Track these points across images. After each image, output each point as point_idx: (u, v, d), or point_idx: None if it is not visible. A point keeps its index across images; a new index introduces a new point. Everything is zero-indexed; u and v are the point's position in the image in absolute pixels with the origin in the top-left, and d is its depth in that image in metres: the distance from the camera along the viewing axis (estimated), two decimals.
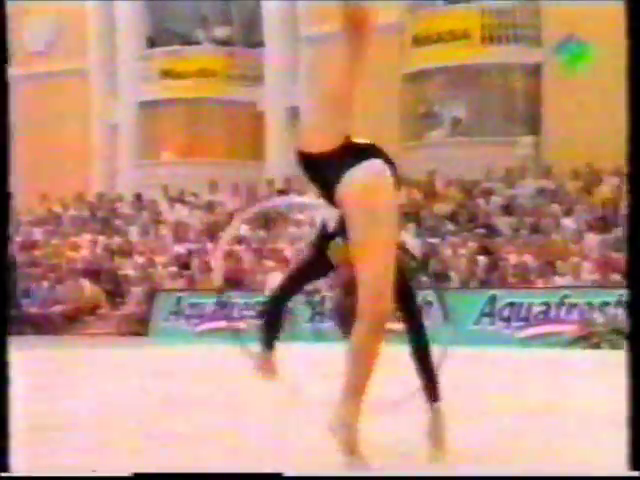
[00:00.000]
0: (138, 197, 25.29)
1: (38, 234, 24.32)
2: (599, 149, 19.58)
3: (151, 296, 20.66)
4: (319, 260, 5.34)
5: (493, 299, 17.37)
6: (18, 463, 3.50)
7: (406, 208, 19.98)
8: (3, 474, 3.20)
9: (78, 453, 5.65)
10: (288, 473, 3.68)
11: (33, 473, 3.83)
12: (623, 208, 18.87)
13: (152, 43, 27.12)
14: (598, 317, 16.35)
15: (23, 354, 12.45)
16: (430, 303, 14.81)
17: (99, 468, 4.72)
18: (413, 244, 18.62)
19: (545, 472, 4.03)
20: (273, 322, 5.49)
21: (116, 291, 21.35)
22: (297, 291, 5.76)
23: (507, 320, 17.17)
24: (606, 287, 16.97)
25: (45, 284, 22.01)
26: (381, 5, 22.96)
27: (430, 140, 23.37)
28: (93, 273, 21.71)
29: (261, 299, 18.01)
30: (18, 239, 23.82)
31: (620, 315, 16.10)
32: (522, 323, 17.01)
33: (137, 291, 20.99)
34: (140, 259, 22.07)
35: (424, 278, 12.16)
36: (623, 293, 16.55)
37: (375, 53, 15.52)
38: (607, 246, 17.95)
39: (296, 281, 5.66)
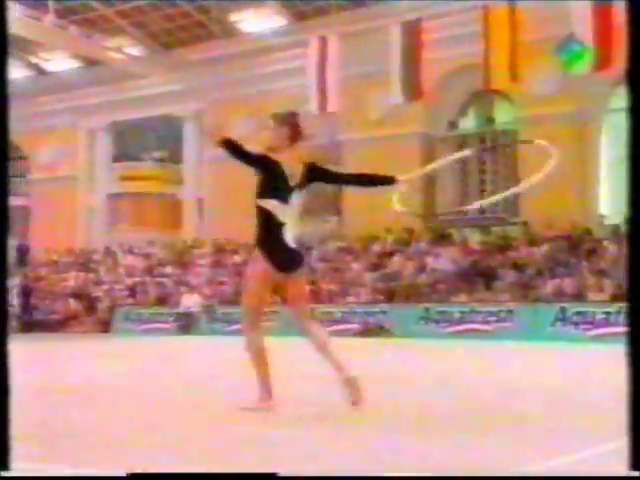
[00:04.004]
0: (106, 250, 25.59)
1: (43, 272, 24.65)
2: (378, 225, 19.84)
3: (112, 309, 21.13)
4: None
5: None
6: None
7: None
8: (3, 473, 2.30)
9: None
10: (282, 473, 2.47)
11: (33, 473, 2.58)
12: (390, 259, 19.06)
13: (116, 160, 27.73)
14: (370, 319, 16.76)
15: (34, 344, 13.29)
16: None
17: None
18: None
19: (544, 472, 2.78)
20: None
21: (90, 306, 21.73)
22: None
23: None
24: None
25: (47, 301, 22.43)
26: None
27: None
28: (76, 295, 22.22)
29: (179, 311, 19.33)
30: (32, 275, 24.20)
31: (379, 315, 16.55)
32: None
33: (103, 306, 21.48)
34: (105, 286, 22.47)
35: None
36: (385, 307, 16.88)
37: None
38: (376, 279, 18.37)
39: None
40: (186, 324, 19.29)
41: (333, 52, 19.19)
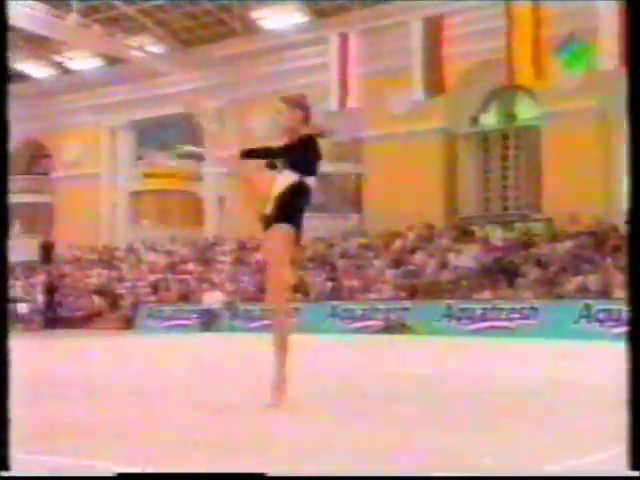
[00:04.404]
0: (129, 247, 25.71)
1: (67, 269, 24.88)
2: (399, 221, 20.06)
3: (135, 306, 21.27)
4: None
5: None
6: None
7: None
8: (3, 473, 2.30)
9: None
10: (271, 473, 2.50)
11: (33, 473, 2.59)
12: (411, 256, 19.00)
13: (139, 158, 27.81)
14: (392, 316, 16.58)
15: (59, 340, 13.77)
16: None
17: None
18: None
19: (544, 472, 2.72)
20: None
21: (113, 303, 21.90)
22: None
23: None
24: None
25: (71, 298, 22.69)
26: None
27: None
28: (100, 292, 22.41)
29: (201, 307, 19.42)
30: (56, 272, 24.48)
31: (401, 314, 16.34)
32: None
33: (126, 303, 21.62)
34: (128, 283, 22.62)
35: None
36: (406, 303, 16.76)
37: None
38: (397, 276, 18.44)
39: None
40: (208, 321, 19.38)
41: (354, 49, 19.20)
